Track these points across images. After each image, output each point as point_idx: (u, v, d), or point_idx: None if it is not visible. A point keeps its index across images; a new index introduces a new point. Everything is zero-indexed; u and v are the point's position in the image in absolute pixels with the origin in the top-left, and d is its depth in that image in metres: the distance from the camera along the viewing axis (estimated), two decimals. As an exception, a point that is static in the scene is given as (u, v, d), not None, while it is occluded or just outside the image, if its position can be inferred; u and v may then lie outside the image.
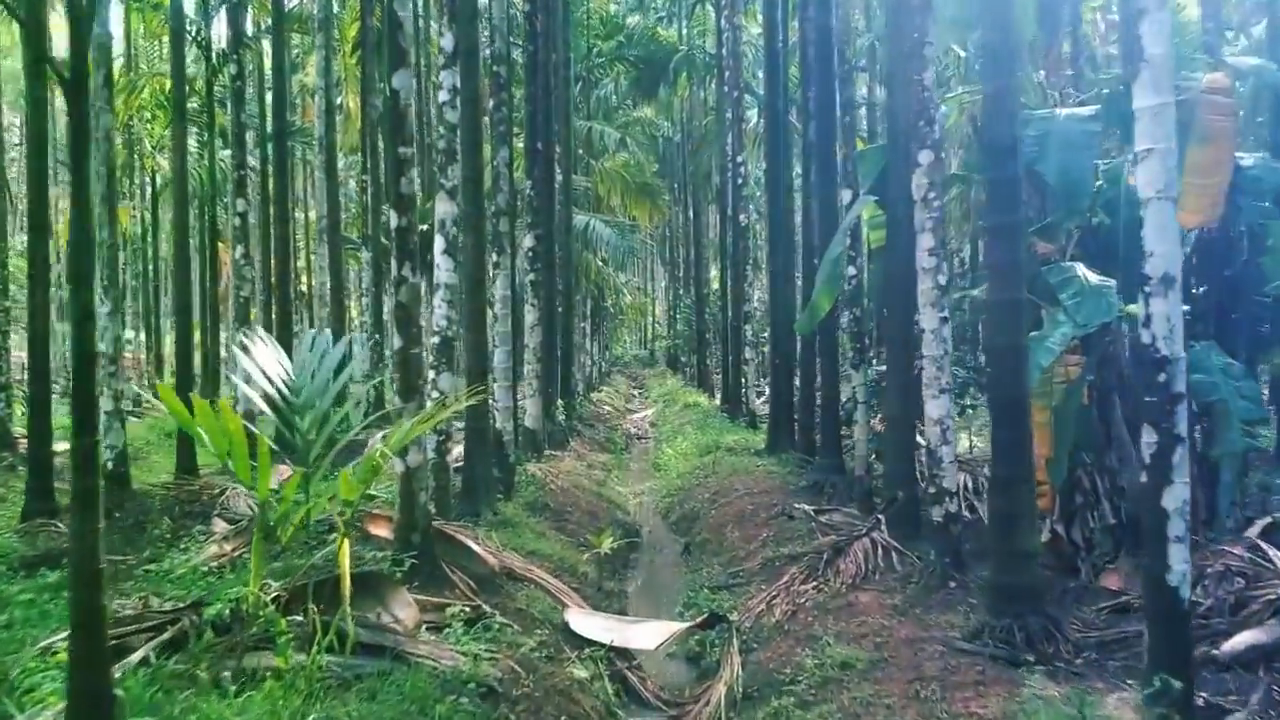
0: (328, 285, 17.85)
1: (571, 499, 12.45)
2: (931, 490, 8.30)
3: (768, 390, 25.10)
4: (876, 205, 10.37)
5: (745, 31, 24.86)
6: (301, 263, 27.88)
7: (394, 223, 7.06)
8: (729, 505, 12.72)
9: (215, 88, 16.91)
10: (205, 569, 7.29)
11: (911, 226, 9.89)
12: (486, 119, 11.65)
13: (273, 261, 16.17)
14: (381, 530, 7.67)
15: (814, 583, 8.21)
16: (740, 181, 21.50)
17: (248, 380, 5.39)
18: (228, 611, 4.99)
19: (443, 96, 8.42)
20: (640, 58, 27.28)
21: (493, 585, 7.46)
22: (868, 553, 9.04)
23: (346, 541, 4.85)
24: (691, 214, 37.12)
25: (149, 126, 31.11)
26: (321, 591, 5.24)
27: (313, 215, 24.29)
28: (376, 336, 20.72)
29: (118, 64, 28.50)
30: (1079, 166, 8.51)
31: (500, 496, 10.89)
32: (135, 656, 4.71)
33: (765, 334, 30.73)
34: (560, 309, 20.58)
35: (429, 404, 8.22)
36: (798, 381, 15.84)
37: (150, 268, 34.02)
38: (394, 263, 7.06)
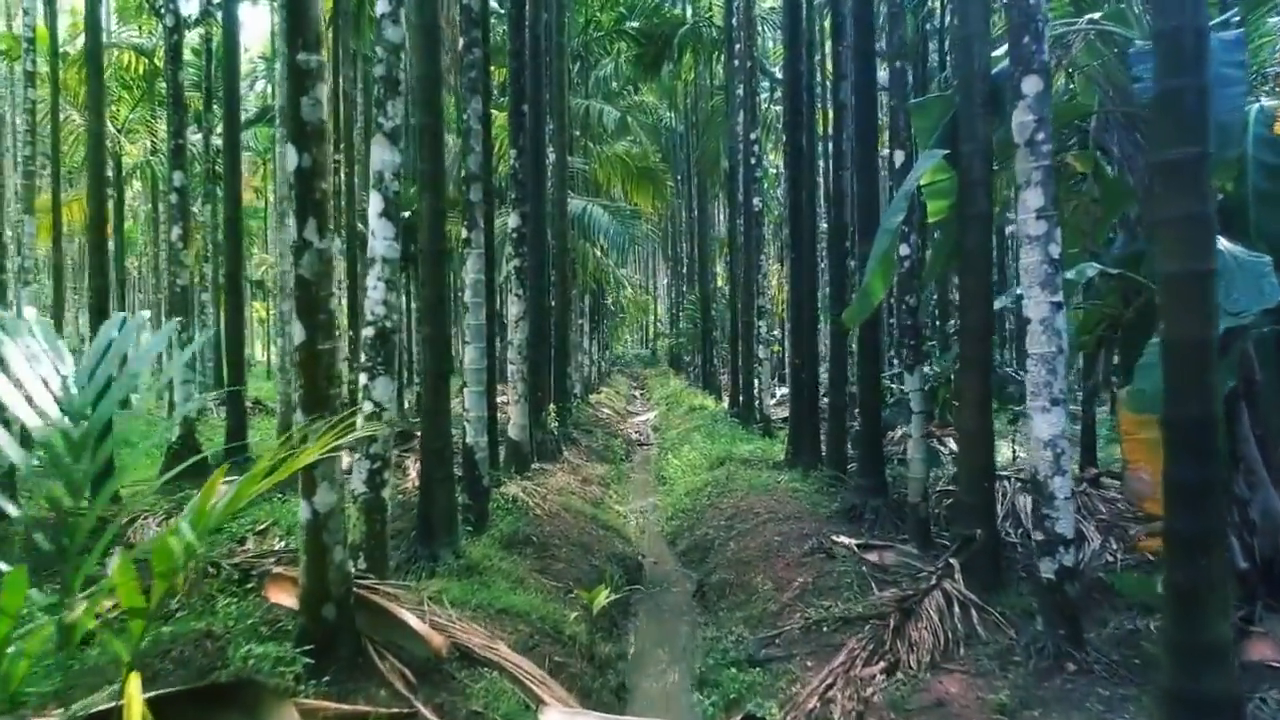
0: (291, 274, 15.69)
1: (560, 526, 10.30)
2: (1038, 536, 6.15)
3: (779, 391, 23.04)
4: (939, 168, 8.21)
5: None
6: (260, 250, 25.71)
7: (292, 161, 4.91)
8: (750, 534, 10.56)
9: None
10: None
11: (986, 189, 7.78)
12: (450, 59, 9.55)
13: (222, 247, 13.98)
14: (286, 596, 5.52)
15: (881, 662, 6.05)
16: (754, 162, 19.36)
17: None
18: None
19: (381, 7, 6.28)
20: (642, 32, 25.10)
21: (439, 675, 5.33)
22: (942, 611, 6.91)
23: (136, 680, 2.68)
24: (696, 206, 34.98)
25: (113, 108, 29.04)
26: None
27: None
28: (350, 334, 18.58)
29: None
30: (1229, 105, 6.37)
31: (470, 530, 8.75)
32: None
33: (775, 331, 28.71)
34: (554, 303, 18.45)
35: (361, 418, 6.08)
36: (825, 383, 13.68)
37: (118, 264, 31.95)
38: (294, 220, 4.90)
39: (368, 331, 6.10)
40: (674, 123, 39.75)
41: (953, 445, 12.69)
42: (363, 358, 6.13)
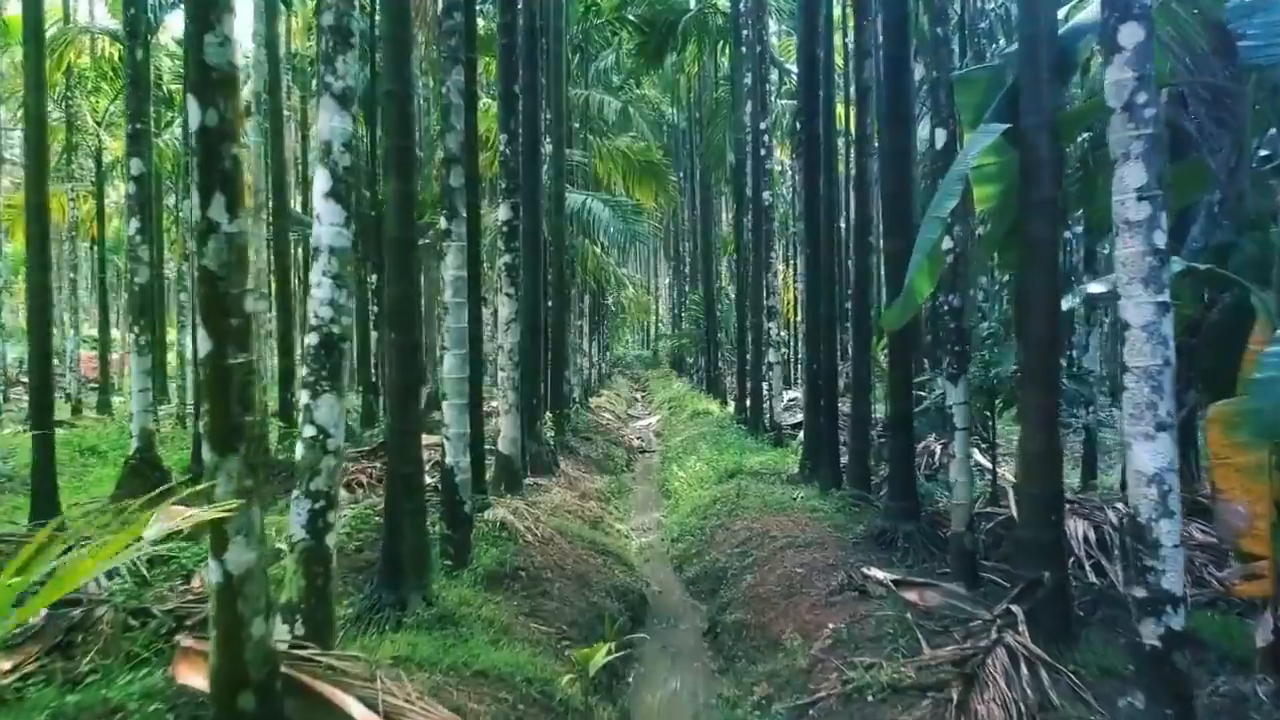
0: (267, 271, 14.56)
1: (554, 555, 9.13)
2: (1138, 592, 4.98)
3: (788, 396, 21.83)
4: (989, 149, 7.02)
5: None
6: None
7: (194, 118, 3.75)
8: (768, 563, 9.40)
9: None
10: None
11: (1054, 170, 6.61)
12: (421, 21, 8.39)
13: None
14: (198, 675, 4.35)
15: (946, 750, 4.89)
16: (763, 153, 18.20)
17: None
18: None
19: (329, -58, 5.13)
20: (644, 19, 23.89)
21: (390, 780, 4.17)
22: (1009, 674, 5.76)
23: None
24: (699, 203, 33.83)
25: (91, 99, 27.84)
26: None
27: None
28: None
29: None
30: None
31: (448, 565, 7.59)
32: None
33: (782, 333, 27.51)
34: (550, 303, 17.30)
35: (300, 447, 4.91)
36: (846, 390, 12.50)
37: (97, 260, 30.88)
38: (193, 192, 3.74)
39: (310, 339, 4.93)
40: (676, 119, 38.61)
41: (978, 459, 11.61)
42: (304, 371, 4.96)
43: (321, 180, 5.03)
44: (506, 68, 11.15)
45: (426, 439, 8.82)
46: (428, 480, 10.38)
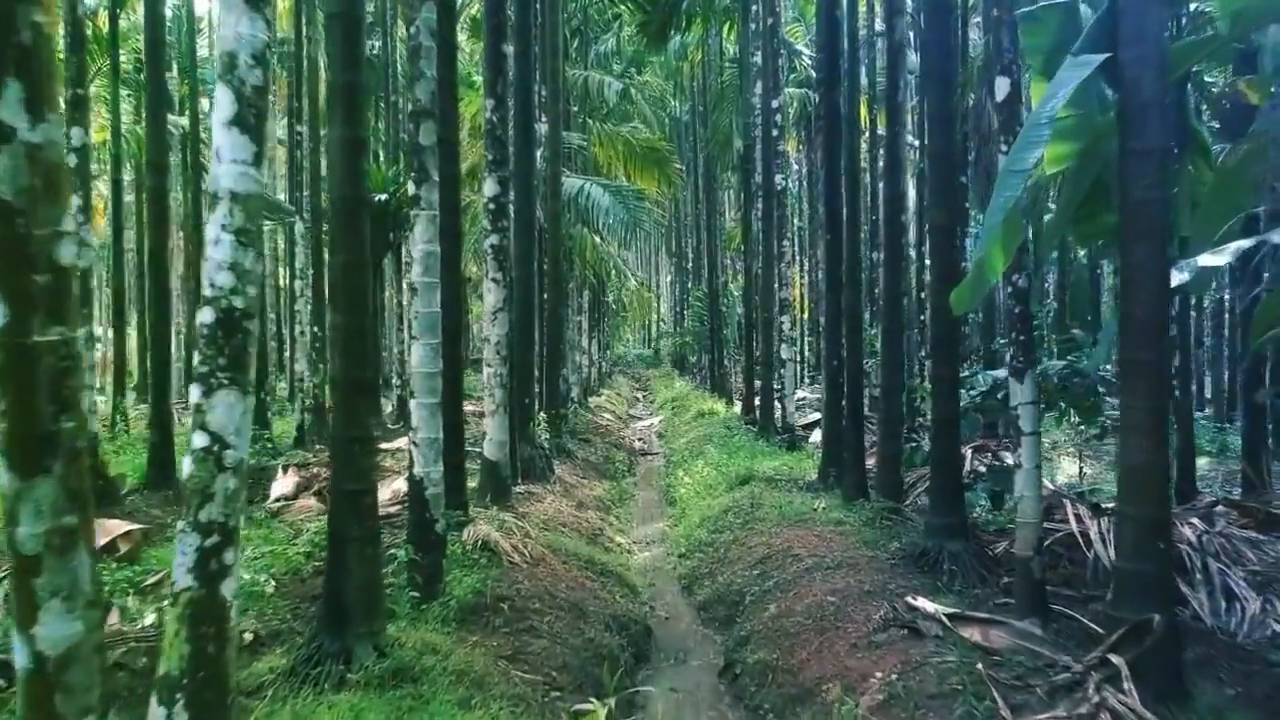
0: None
1: (545, 580, 7.84)
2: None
3: (799, 395, 20.53)
4: (1070, 101, 5.70)
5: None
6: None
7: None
8: (792, 588, 8.11)
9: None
10: None
11: (1161, 113, 5.32)
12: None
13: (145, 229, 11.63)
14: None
15: None
16: (775, 134, 16.90)
17: None
18: None
19: None
20: (646, -2, 22.53)
21: None
22: (1121, 753, 4.47)
23: None
24: (703, 194, 32.52)
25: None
26: None
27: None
28: (315, 330, 16.15)
29: None
30: None
31: (415, 597, 6.29)
32: None
33: (793, 330, 26.21)
34: (546, 295, 16.02)
35: (188, 461, 3.62)
36: (876, 388, 11.22)
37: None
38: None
39: (205, 315, 3.64)
40: (679, 111, 37.35)
41: (1011, 461, 10.34)
42: (196, 359, 3.66)
43: (223, 103, 3.73)
44: (494, 23, 9.85)
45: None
46: (398, 491, 9.10)
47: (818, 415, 17.89)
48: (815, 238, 32.02)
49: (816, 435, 16.65)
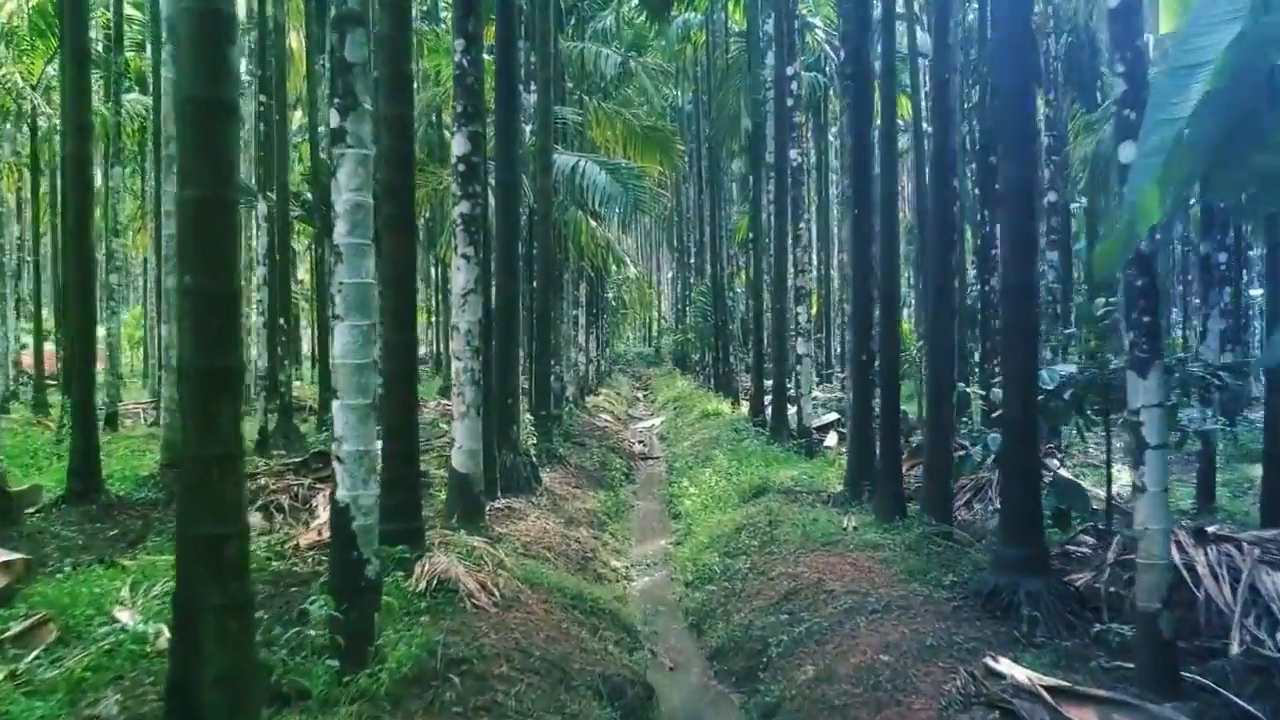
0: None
1: (518, 629, 6.14)
2: None
3: (813, 393, 18.79)
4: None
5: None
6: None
7: None
8: (833, 641, 6.41)
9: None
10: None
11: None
12: None
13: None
14: None
15: None
16: (791, 104, 15.22)
17: None
18: None
19: None
20: (648, -34, 20.89)
21: None
22: None
23: None
24: (705, 185, 30.82)
25: (27, 61, 24.96)
26: None
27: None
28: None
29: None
30: None
31: (333, 667, 4.60)
32: None
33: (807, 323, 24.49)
34: (536, 282, 14.35)
35: None
36: (922, 385, 9.51)
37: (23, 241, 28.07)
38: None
39: None
40: (680, 100, 35.76)
41: (1063, 474, 8.66)
42: None
43: None
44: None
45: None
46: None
47: (833, 416, 16.20)
48: (821, 229, 30.39)
49: (832, 438, 14.97)
